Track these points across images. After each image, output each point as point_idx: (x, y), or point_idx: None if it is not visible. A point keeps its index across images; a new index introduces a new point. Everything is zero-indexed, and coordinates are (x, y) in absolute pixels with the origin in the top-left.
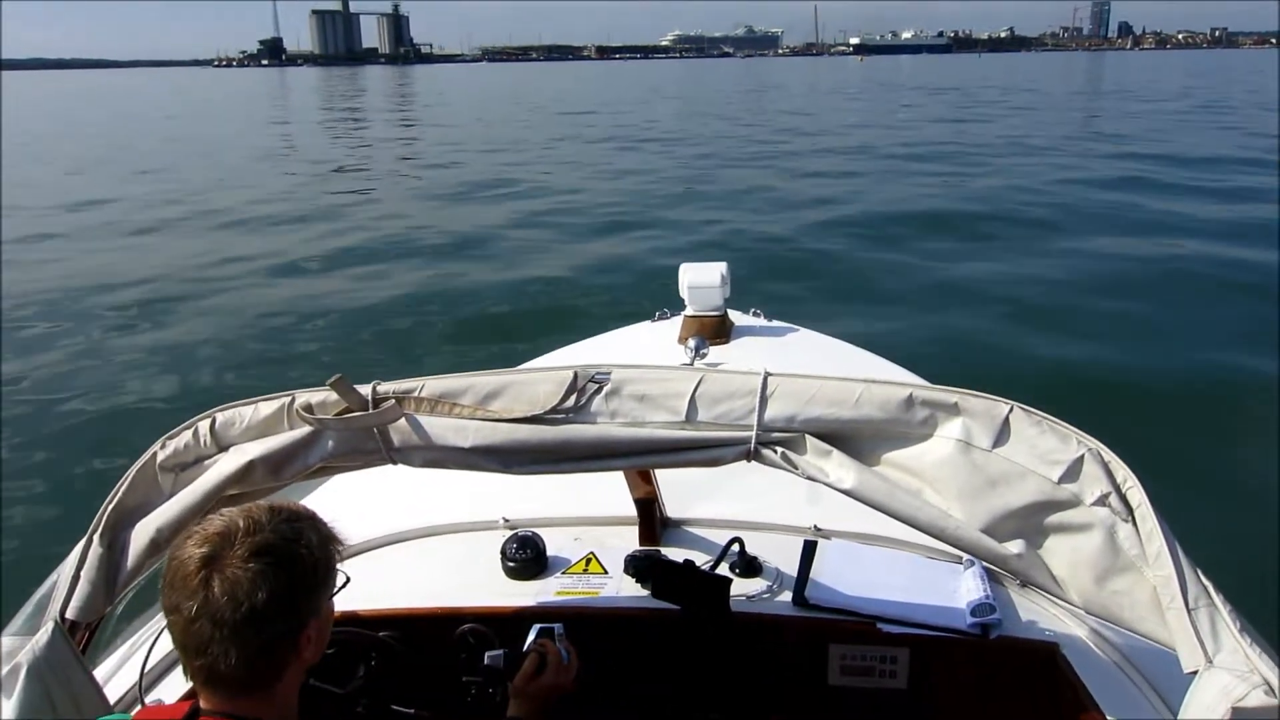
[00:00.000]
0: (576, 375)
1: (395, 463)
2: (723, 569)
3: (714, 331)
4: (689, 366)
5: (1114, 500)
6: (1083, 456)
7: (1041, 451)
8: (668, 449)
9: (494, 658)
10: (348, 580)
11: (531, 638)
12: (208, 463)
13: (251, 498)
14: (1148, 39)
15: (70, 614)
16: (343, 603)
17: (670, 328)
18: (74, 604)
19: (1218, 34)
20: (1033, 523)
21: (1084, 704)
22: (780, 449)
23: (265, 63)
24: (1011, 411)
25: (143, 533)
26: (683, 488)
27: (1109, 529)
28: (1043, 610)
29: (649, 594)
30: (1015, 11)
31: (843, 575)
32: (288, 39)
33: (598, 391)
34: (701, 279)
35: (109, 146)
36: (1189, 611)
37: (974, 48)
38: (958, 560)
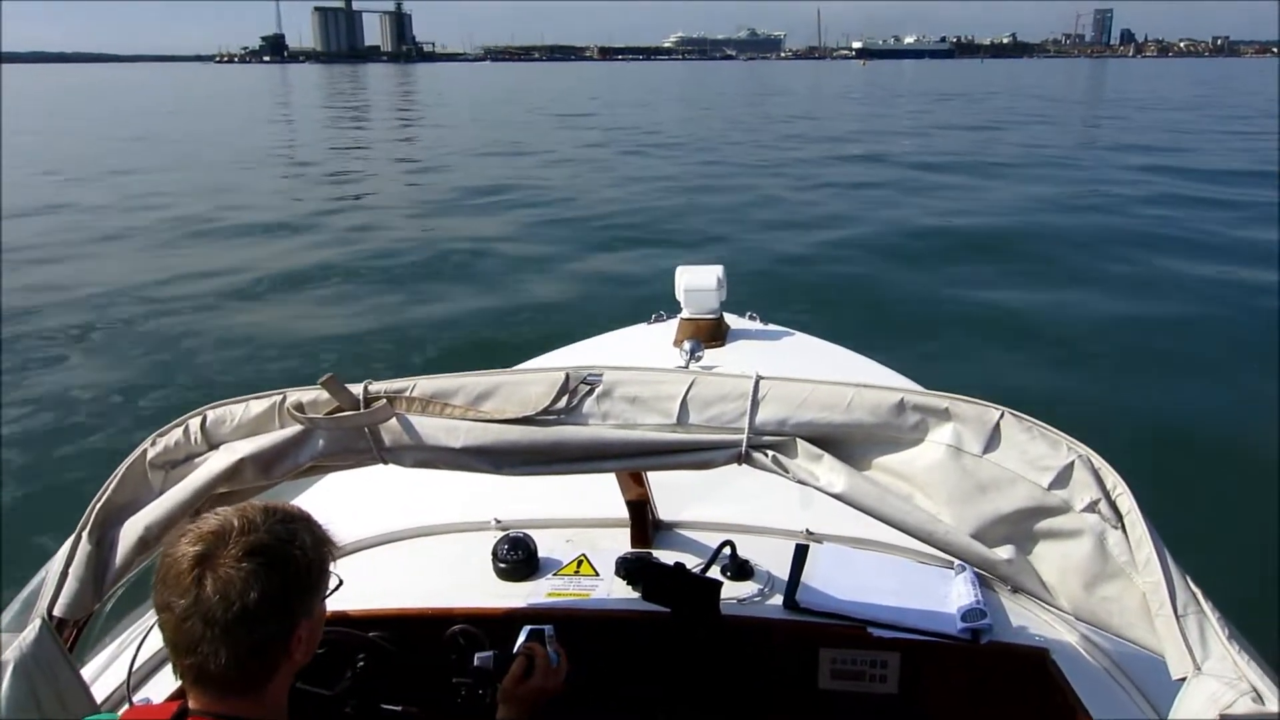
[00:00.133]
0: (569, 376)
1: (386, 462)
2: (714, 572)
3: (709, 335)
4: (683, 369)
5: (1104, 507)
6: (1073, 463)
7: (1032, 457)
8: (659, 451)
9: (484, 659)
10: (340, 583)
11: (522, 639)
12: (198, 460)
13: (242, 496)
14: (1150, 47)
15: (58, 611)
16: (332, 602)
17: (666, 330)
18: (62, 601)
19: (1219, 43)
20: (1023, 528)
21: (1074, 710)
22: (772, 452)
23: (267, 59)
24: (1002, 417)
25: (132, 530)
26: (674, 490)
27: (1099, 535)
28: (1033, 616)
29: (640, 596)
30: (1018, 17)
31: (834, 579)
32: (290, 36)
33: (590, 393)
34: (698, 281)
35: (91, 142)
36: (1178, 618)
37: (976, 53)
38: (949, 565)
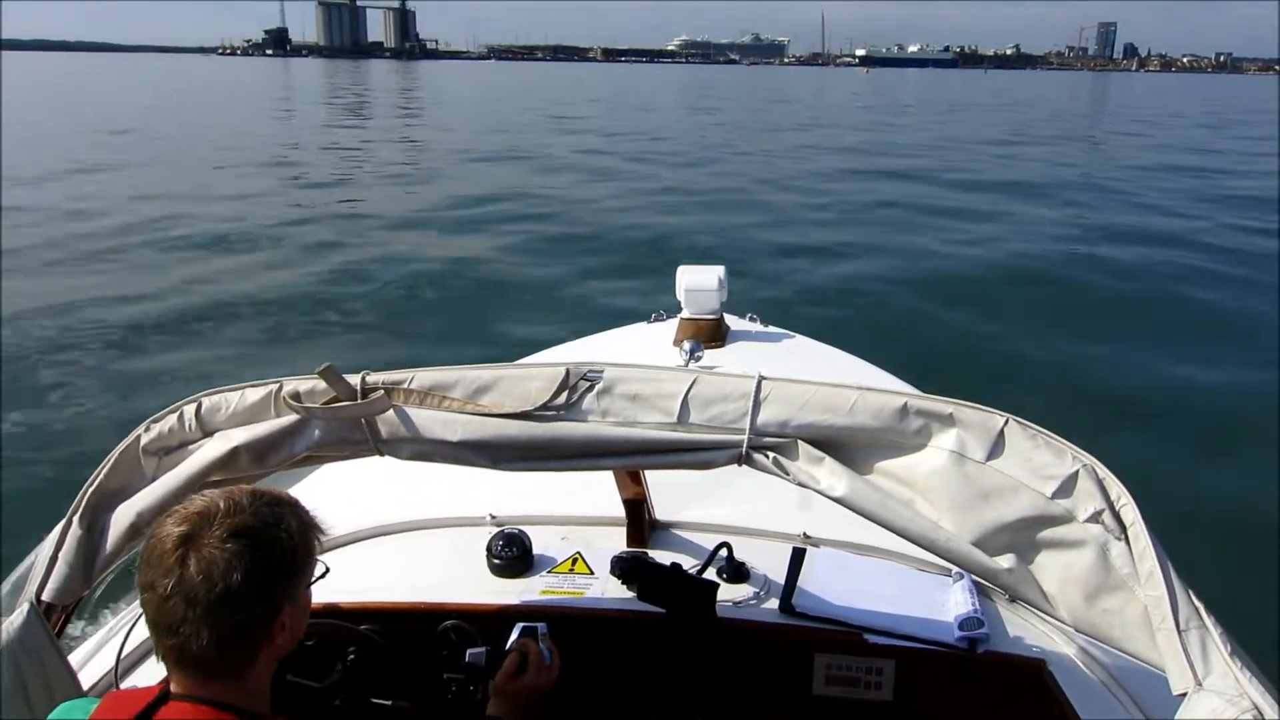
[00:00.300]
0: (569, 372)
1: (382, 454)
2: (710, 573)
3: (709, 335)
4: (683, 368)
5: (1107, 518)
6: (1077, 472)
7: (1036, 465)
8: (658, 450)
9: (475, 655)
10: (327, 570)
11: (514, 636)
12: (192, 448)
13: (235, 485)
14: (1153, 61)
15: (46, 596)
16: (323, 594)
17: (666, 329)
18: (50, 586)
19: (1222, 59)
20: (1024, 537)
21: None
22: (772, 454)
23: (270, 52)
24: (1007, 424)
25: (123, 516)
26: (672, 490)
27: (1101, 546)
28: (1031, 626)
29: (635, 596)
30: (1022, 28)
31: (831, 584)
32: (294, 30)
33: (589, 389)
34: (699, 281)
35: (71, 135)
36: (1180, 633)
37: (979, 63)
38: (947, 573)
